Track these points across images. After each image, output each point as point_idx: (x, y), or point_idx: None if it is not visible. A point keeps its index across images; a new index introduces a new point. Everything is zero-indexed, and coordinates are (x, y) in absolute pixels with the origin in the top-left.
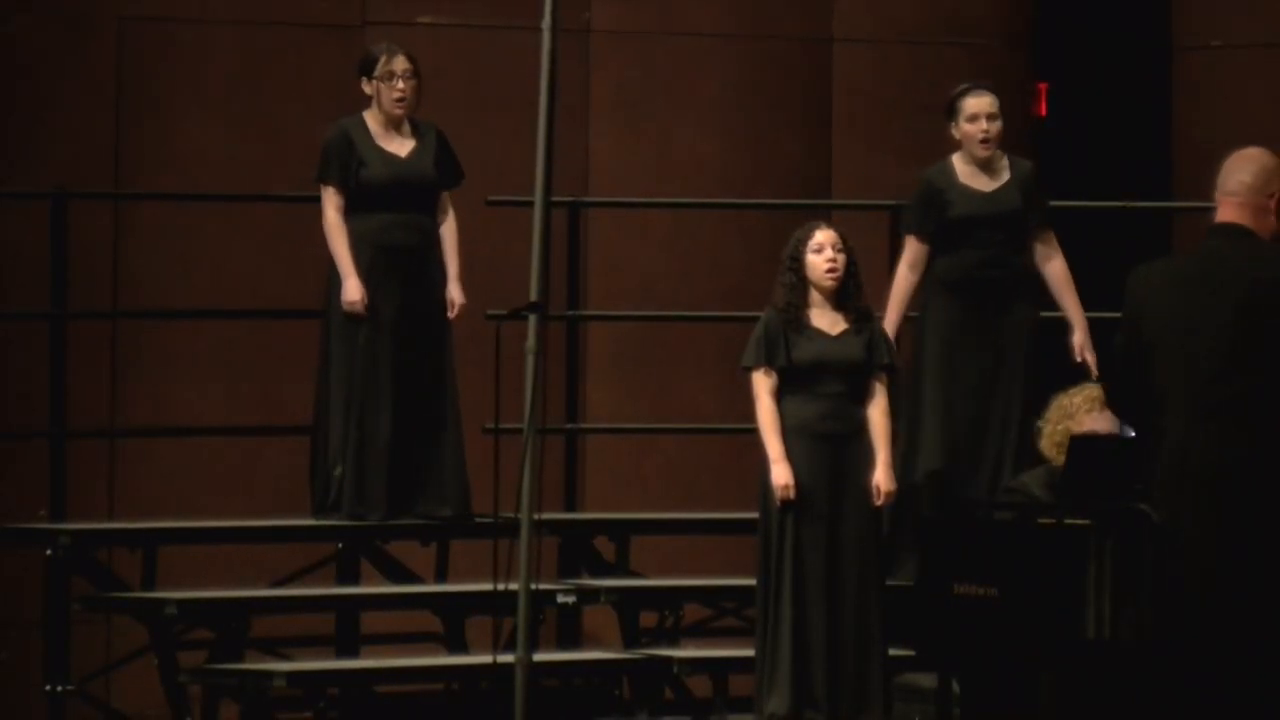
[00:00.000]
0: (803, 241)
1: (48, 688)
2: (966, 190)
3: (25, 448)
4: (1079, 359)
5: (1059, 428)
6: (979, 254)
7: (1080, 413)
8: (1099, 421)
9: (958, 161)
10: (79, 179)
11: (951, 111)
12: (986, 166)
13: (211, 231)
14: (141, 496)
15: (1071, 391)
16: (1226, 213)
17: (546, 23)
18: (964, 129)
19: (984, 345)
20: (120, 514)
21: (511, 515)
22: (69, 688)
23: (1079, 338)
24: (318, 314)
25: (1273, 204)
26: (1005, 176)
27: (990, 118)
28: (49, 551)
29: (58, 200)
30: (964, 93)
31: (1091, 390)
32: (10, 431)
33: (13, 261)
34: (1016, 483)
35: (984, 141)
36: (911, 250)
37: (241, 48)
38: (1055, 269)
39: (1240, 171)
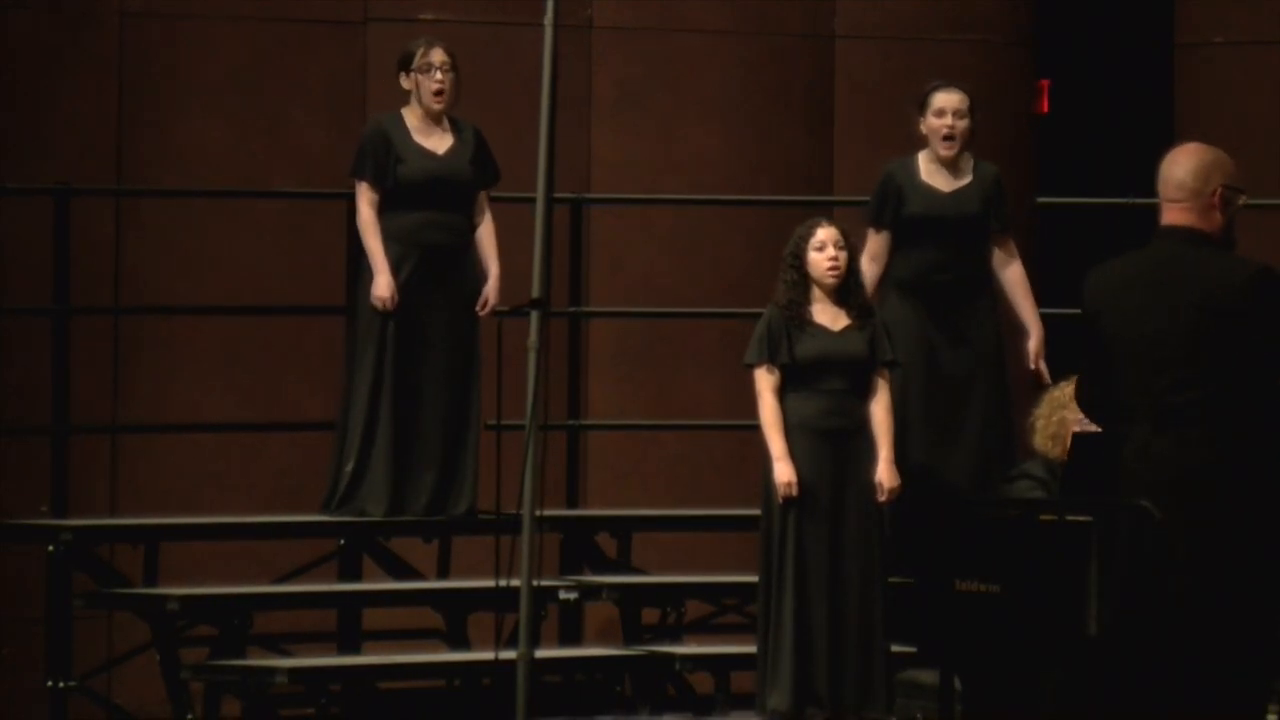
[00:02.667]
0: (804, 239)
1: (49, 684)
2: (926, 188)
3: (27, 443)
4: (1032, 366)
5: (1053, 419)
6: (934, 255)
7: (1073, 401)
8: None
9: (922, 159)
10: (81, 175)
11: (921, 105)
12: (950, 166)
13: (214, 227)
14: (143, 492)
15: (1062, 385)
16: (1173, 215)
17: (548, 19)
18: (930, 123)
19: (942, 346)
20: (122, 510)
21: (514, 512)
22: (71, 684)
23: (1034, 344)
24: (319, 310)
25: (1217, 200)
26: (968, 178)
27: (957, 114)
28: (51, 547)
29: (60, 196)
30: (935, 88)
31: None
32: (12, 427)
33: (15, 257)
34: (1022, 468)
35: (947, 138)
36: (871, 243)
37: (244, 44)
38: (1013, 274)
39: (1179, 173)
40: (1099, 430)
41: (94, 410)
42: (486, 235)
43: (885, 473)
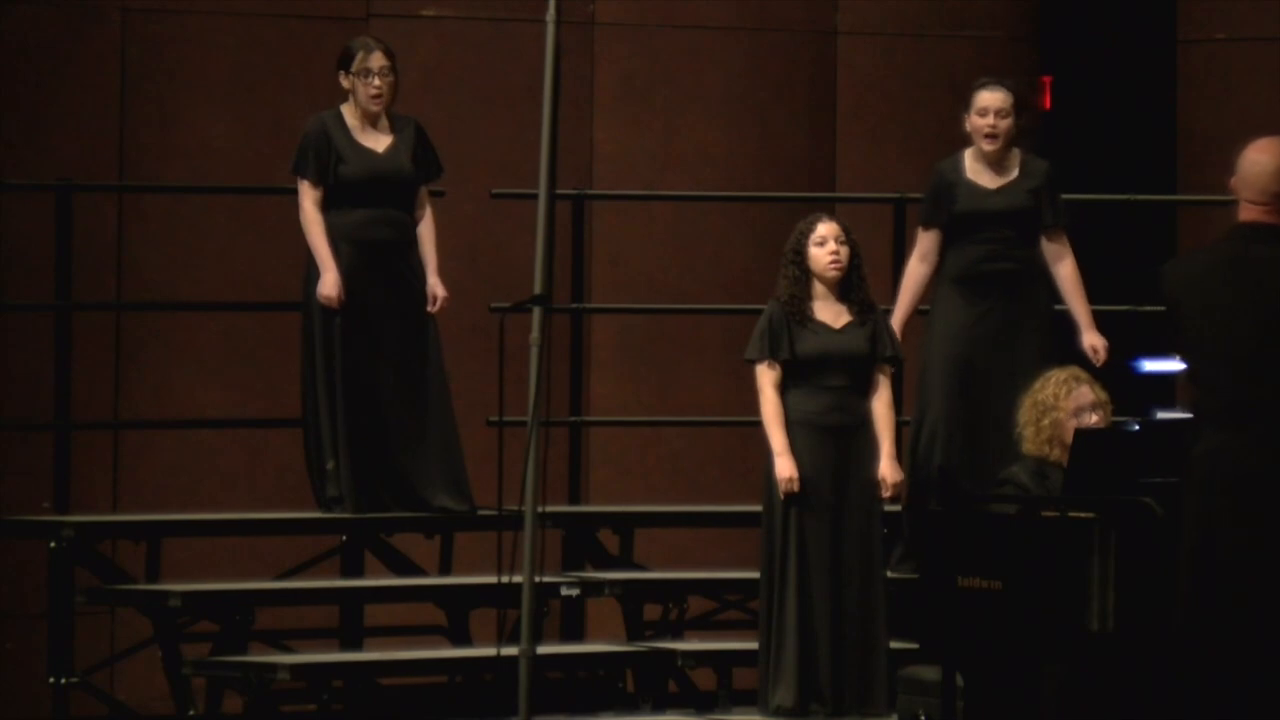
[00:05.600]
0: (805, 234)
1: (51, 679)
2: (972, 185)
3: (29, 439)
4: (1097, 361)
5: (1044, 424)
6: (983, 249)
7: (1060, 399)
8: (1082, 397)
9: (969, 156)
10: (83, 171)
11: (967, 103)
12: (996, 163)
13: (216, 224)
14: (145, 488)
15: (1037, 388)
16: (1250, 214)
17: (551, 15)
18: (973, 121)
19: (993, 340)
20: (124, 506)
21: (515, 508)
22: (73, 679)
23: (1091, 338)
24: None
25: None
26: (1014, 174)
27: (999, 114)
28: (53, 543)
29: (62, 192)
30: (980, 86)
31: (1059, 374)
32: (14, 423)
33: (17, 253)
34: (1006, 474)
35: (989, 136)
36: (921, 242)
37: (246, 40)
38: (1065, 270)
39: (1262, 178)
40: (1102, 427)
41: (96, 406)
42: (426, 232)
43: (888, 469)
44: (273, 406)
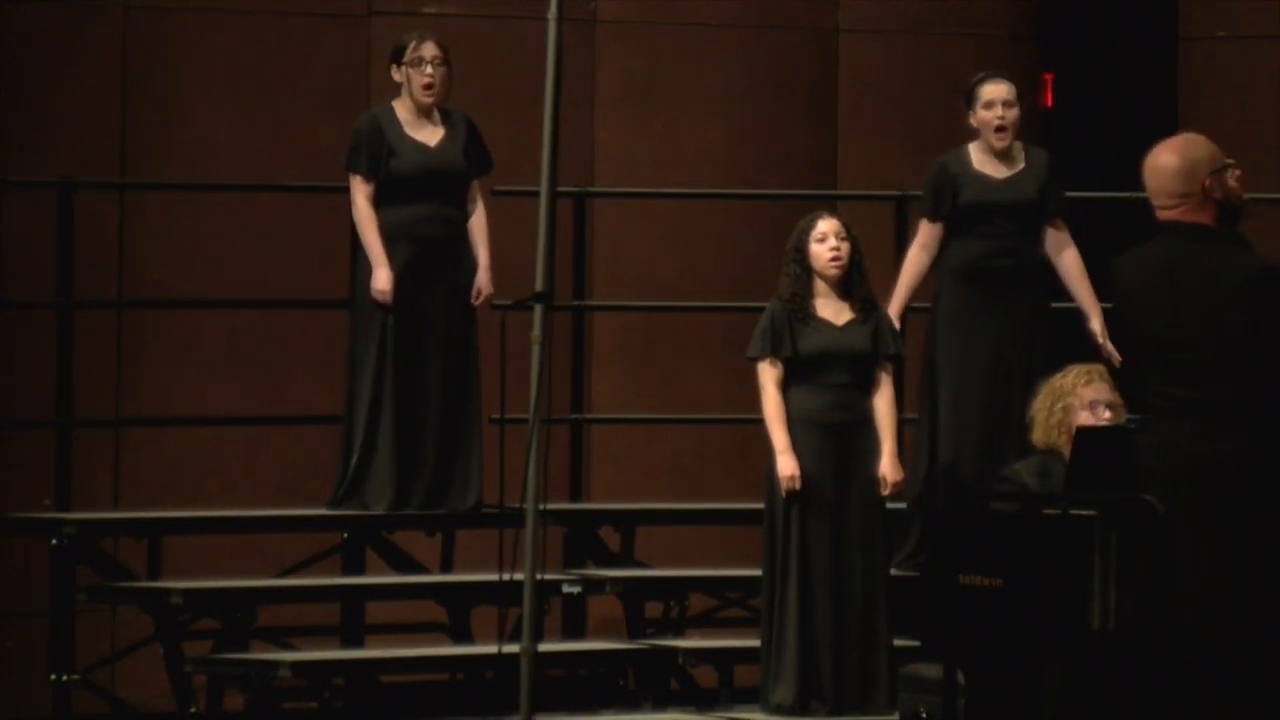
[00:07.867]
0: (806, 231)
1: (53, 677)
2: (980, 177)
3: (30, 437)
4: (1101, 343)
5: (1056, 408)
6: (990, 243)
7: (1078, 387)
8: (1099, 391)
9: (974, 149)
10: (85, 168)
11: (969, 99)
12: (1002, 154)
13: (217, 221)
14: (147, 486)
15: (1056, 376)
16: (1169, 216)
17: (552, 13)
18: (980, 116)
19: (996, 335)
20: (125, 503)
21: (517, 505)
22: (74, 677)
23: (1097, 325)
24: (323, 304)
25: (1210, 189)
26: (1020, 165)
27: (1007, 105)
28: (54, 541)
29: (64, 190)
30: (982, 80)
31: (1080, 366)
32: (15, 421)
33: (19, 251)
34: (1009, 471)
35: (999, 129)
36: (923, 232)
37: (247, 37)
38: (1069, 259)
39: (1164, 182)
40: (1103, 425)
41: (97, 404)
42: (478, 224)
43: (889, 467)
44: (274, 404)
